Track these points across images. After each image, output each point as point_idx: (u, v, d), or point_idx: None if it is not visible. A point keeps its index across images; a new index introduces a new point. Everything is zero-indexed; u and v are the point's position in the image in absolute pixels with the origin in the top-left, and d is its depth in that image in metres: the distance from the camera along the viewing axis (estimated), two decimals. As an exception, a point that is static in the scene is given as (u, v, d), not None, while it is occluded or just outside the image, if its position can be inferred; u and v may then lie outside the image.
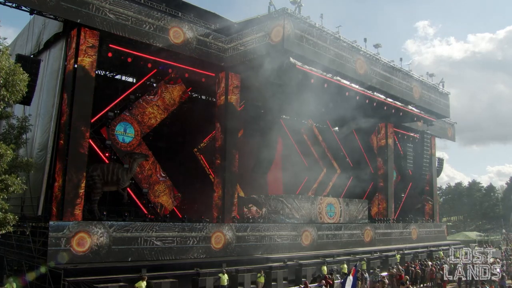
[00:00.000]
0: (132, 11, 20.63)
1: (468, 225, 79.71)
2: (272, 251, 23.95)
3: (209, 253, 21.09)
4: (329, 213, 29.52)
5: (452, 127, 45.61)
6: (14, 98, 13.67)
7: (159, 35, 21.49)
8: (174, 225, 20.32)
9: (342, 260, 25.36)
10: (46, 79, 21.24)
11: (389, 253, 29.49)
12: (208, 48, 23.61)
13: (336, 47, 24.92)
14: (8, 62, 13.43)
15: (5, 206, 13.31)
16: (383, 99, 29.37)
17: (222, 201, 24.11)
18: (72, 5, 18.67)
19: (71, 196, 18.10)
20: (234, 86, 25.15)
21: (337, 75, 25.31)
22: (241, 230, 22.85)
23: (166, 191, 25.82)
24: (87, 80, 19.20)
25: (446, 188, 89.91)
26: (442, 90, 35.81)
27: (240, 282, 19.65)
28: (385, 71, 29.16)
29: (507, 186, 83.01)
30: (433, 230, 39.76)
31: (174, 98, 26.29)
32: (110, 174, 21.23)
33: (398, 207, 39.87)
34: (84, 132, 18.94)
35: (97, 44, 19.65)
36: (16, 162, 15.01)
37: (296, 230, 25.76)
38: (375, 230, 31.92)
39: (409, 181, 41.75)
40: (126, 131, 24.31)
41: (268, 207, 27.03)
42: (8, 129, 17.00)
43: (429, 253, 33.15)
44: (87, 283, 15.54)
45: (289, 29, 21.81)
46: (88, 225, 17.64)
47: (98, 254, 17.60)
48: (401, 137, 41.66)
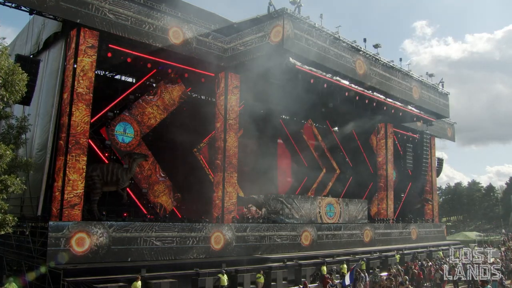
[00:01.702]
0: (131, 11, 20.62)
1: (468, 225, 79.77)
2: (272, 251, 23.96)
3: (208, 253, 21.09)
4: (328, 213, 29.53)
5: (452, 127, 45.63)
6: (14, 98, 13.64)
7: (158, 35, 21.48)
8: (173, 225, 20.32)
9: (342, 260, 25.36)
10: (46, 79, 21.22)
11: (389, 253, 29.49)
12: (207, 48, 23.60)
13: (335, 47, 24.92)
14: (7, 62, 13.40)
15: (5, 206, 13.28)
16: (383, 99, 29.38)
17: (221, 201, 24.11)
18: (72, 5, 18.66)
19: (71, 196, 18.08)
20: (233, 86, 25.15)
21: (337, 75, 25.32)
22: (241, 230, 22.85)
23: (165, 191, 25.80)
24: (86, 80, 19.19)
25: (445, 188, 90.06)
26: (441, 90, 35.83)
27: (239, 282, 19.66)
28: (384, 71, 29.16)
29: (506, 186, 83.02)
30: (432, 230, 39.79)
31: (173, 98, 26.27)
32: (110, 174, 21.21)
33: (397, 207, 39.87)
34: (83, 132, 18.93)
35: (96, 44, 19.63)
36: (15, 162, 14.99)
37: (296, 230, 25.77)
38: (374, 230, 31.93)
39: (408, 181, 41.76)
40: (125, 131, 24.29)
41: (268, 207, 27.04)
42: (7, 129, 16.98)
43: (428, 253, 33.15)
44: (87, 283, 15.54)
45: (289, 29, 21.81)
46: (88, 225, 17.64)
47: (98, 254, 17.60)
48: (400, 137, 41.68)
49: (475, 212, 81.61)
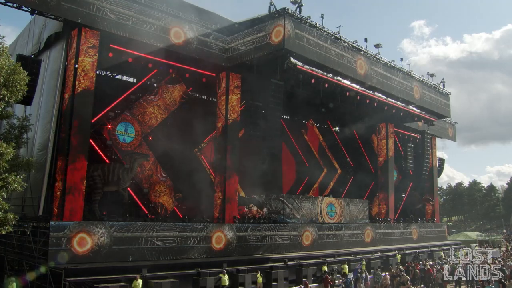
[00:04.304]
0: (132, 11, 20.62)
1: (469, 225, 79.78)
2: (273, 251, 23.94)
3: (209, 253, 21.09)
4: (329, 213, 29.51)
5: (453, 127, 45.56)
6: (15, 97, 13.62)
7: (159, 35, 21.48)
8: (174, 225, 20.32)
9: (343, 260, 25.37)
10: (47, 79, 21.22)
11: (390, 253, 29.48)
12: (208, 48, 23.61)
13: (336, 47, 24.91)
14: (8, 61, 13.40)
15: (5, 206, 13.27)
16: (384, 99, 29.35)
17: (222, 201, 24.11)
18: (73, 5, 18.66)
19: (72, 196, 18.09)
20: (234, 86, 25.15)
21: (338, 75, 25.30)
22: (242, 230, 22.84)
23: (166, 191, 25.83)
24: (87, 80, 19.20)
25: (446, 188, 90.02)
26: (442, 90, 35.81)
27: (240, 282, 19.64)
28: (385, 71, 29.15)
29: (507, 186, 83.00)
30: (433, 230, 39.74)
31: (174, 98, 26.28)
32: (111, 174, 21.24)
33: (398, 207, 39.86)
34: (84, 132, 18.94)
35: (97, 44, 19.64)
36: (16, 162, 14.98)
37: (297, 230, 25.76)
38: (375, 230, 31.91)
39: (409, 181, 41.75)
40: (126, 131, 24.32)
41: (269, 207, 27.04)
42: (8, 129, 16.98)
43: (429, 253, 33.13)
44: (88, 283, 15.53)
45: (290, 29, 21.81)
46: (89, 225, 17.64)
47: (99, 254, 17.60)
48: (401, 137, 41.65)
49: (476, 212, 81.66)
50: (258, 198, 27.92)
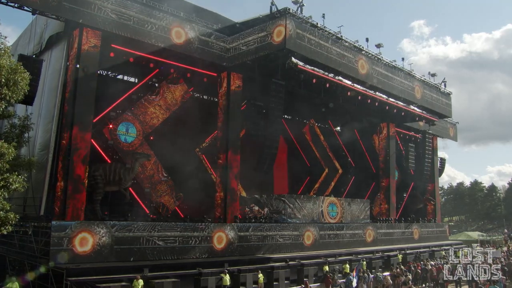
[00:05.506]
0: (134, 11, 20.63)
1: (470, 225, 79.70)
2: (274, 251, 23.95)
3: (211, 253, 21.09)
4: (331, 213, 29.50)
5: (454, 127, 45.50)
6: (16, 97, 13.63)
7: (161, 35, 21.49)
8: (176, 225, 20.32)
9: (344, 260, 25.37)
10: (48, 79, 21.24)
11: (391, 253, 29.47)
12: (210, 48, 23.60)
13: (338, 47, 24.90)
14: (9, 61, 13.40)
15: (7, 206, 13.28)
16: (385, 99, 29.31)
17: (224, 201, 24.11)
18: (74, 5, 18.68)
19: (73, 196, 18.10)
20: (236, 86, 25.14)
21: (339, 75, 25.29)
22: (243, 230, 22.84)
23: (168, 191, 25.82)
24: (89, 80, 19.21)
25: (447, 188, 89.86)
26: (444, 90, 35.77)
27: (242, 282, 19.65)
28: (387, 70, 29.13)
29: (508, 186, 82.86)
30: (435, 230, 39.69)
31: (176, 98, 26.27)
32: (112, 174, 21.25)
33: (400, 207, 39.84)
34: (86, 132, 18.95)
35: (99, 44, 19.64)
36: (18, 161, 14.99)
37: (298, 230, 25.75)
38: (377, 230, 31.88)
39: (411, 181, 41.71)
40: (128, 131, 24.31)
41: (270, 207, 27.04)
42: (10, 128, 17.00)
43: (431, 253, 33.10)
44: (89, 282, 15.55)
45: (291, 29, 21.81)
46: (90, 225, 17.64)
47: (100, 253, 17.61)
48: (403, 137, 41.62)
49: (477, 212, 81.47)
50: (260, 198, 27.92)
